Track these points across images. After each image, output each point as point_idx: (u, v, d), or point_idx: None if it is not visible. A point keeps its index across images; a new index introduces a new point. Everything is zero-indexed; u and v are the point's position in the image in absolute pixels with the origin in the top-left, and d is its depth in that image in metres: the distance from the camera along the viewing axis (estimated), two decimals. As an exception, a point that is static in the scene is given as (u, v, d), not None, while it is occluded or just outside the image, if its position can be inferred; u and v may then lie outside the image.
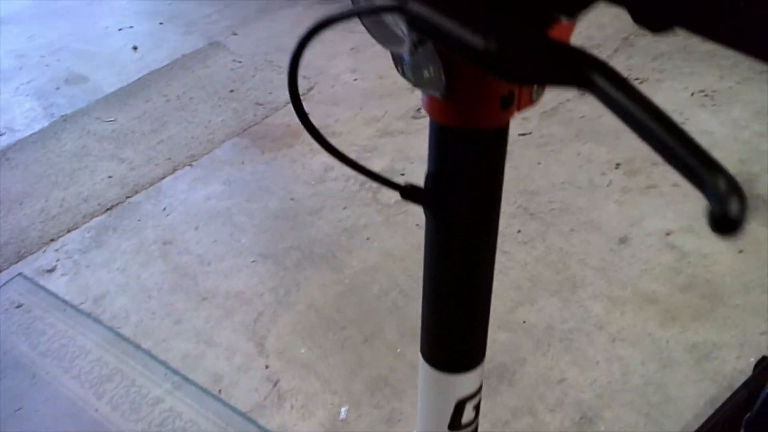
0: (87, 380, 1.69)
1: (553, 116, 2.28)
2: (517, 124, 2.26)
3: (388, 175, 2.13)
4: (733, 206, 0.26)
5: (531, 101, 0.47)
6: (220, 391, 1.63)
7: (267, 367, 1.66)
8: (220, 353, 1.71)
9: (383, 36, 0.44)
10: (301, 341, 1.71)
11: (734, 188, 0.26)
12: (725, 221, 0.26)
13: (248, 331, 1.75)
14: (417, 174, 2.13)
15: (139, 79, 2.86)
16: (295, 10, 3.20)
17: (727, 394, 1.40)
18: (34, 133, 2.64)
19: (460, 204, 0.53)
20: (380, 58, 2.76)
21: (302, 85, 2.66)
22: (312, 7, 3.18)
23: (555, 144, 2.17)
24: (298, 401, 1.58)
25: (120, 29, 3.21)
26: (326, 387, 1.60)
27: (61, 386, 1.69)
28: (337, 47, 2.87)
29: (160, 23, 3.24)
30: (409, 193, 0.52)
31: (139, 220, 2.15)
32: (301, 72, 2.74)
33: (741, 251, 1.74)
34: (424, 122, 2.30)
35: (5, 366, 1.77)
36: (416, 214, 2.00)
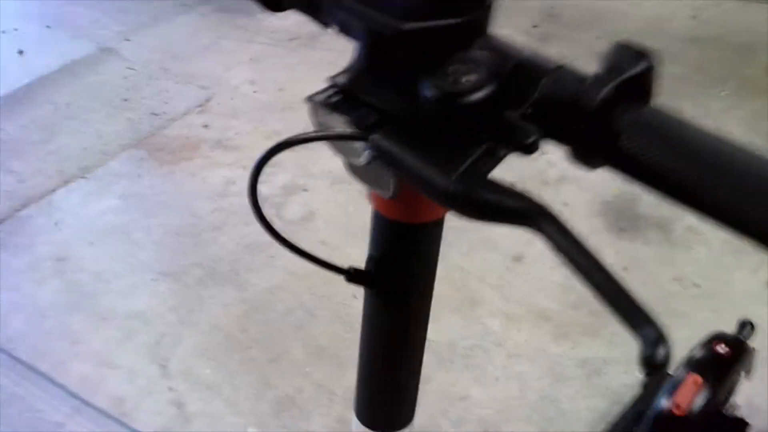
0: None
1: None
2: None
3: (291, 190, 2.14)
4: (660, 354, 0.32)
5: None
6: (122, 414, 1.59)
7: (171, 389, 1.64)
8: (122, 375, 1.67)
9: (338, 146, 0.46)
10: (206, 362, 1.69)
11: (662, 339, 0.32)
12: (653, 365, 0.32)
13: (150, 352, 1.72)
14: (319, 190, 2.15)
15: (26, 85, 2.73)
16: (191, 17, 3.14)
17: (616, 408, 1.49)
18: None
19: (401, 284, 0.57)
20: (279, 69, 2.75)
21: (199, 95, 2.63)
22: (208, 15, 3.14)
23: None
24: (203, 424, 1.57)
25: (3, 32, 3.05)
26: (232, 409, 1.60)
27: None
28: (236, 57, 2.84)
29: (47, 26, 3.10)
30: (353, 276, 0.55)
31: (30, 236, 2.07)
32: (198, 81, 2.71)
33: (625, 268, 1.86)
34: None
35: None
36: (320, 231, 2.02)
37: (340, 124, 0.43)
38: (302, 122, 2.23)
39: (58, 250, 2.01)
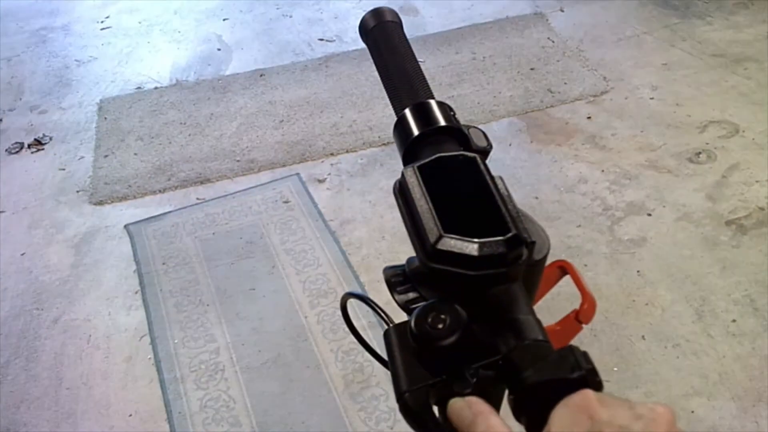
0: (309, 289, 1.90)
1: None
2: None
3: (635, 209, 2.04)
4: None
5: None
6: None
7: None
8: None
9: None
10: None
11: None
12: None
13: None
14: (663, 219, 2.02)
15: (460, 28, 2.93)
16: (628, 2, 3.05)
17: None
18: (357, 50, 2.85)
19: None
20: (687, 83, 2.58)
21: (597, 85, 2.58)
22: (645, 4, 3.02)
23: (820, 243, 1.94)
24: None
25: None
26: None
27: (288, 285, 1.91)
28: (650, 57, 2.72)
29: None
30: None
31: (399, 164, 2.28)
32: (603, 71, 2.67)
33: None
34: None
35: (256, 248, 2.04)
36: (642, 261, 1.93)
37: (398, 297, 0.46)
38: (686, 138, 2.08)
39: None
